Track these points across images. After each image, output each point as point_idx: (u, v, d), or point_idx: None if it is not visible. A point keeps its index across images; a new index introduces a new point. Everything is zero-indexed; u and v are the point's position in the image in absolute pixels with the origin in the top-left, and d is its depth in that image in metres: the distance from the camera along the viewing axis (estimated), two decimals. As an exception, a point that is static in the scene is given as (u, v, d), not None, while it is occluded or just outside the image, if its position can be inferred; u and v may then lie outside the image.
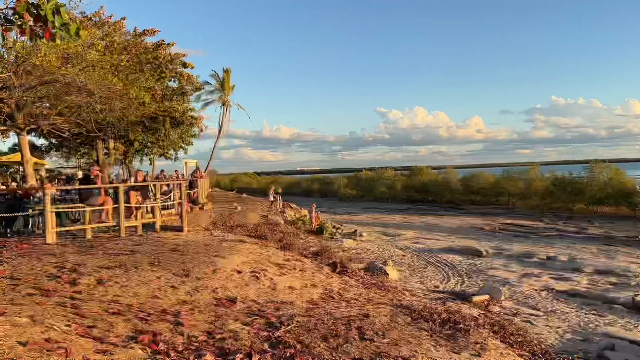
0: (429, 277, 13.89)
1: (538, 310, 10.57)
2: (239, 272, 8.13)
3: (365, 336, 5.33)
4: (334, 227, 23.84)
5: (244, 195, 42.38)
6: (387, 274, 12.10)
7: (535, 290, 12.46)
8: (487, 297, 10.76)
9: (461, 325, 6.47)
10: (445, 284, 13.09)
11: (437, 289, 12.15)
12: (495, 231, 25.94)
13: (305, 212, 27.07)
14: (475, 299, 10.52)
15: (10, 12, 6.39)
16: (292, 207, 27.84)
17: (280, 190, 29.65)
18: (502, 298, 10.96)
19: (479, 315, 8.55)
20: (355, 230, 23.62)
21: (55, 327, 4.19)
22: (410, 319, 6.69)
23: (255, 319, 5.67)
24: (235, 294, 6.90)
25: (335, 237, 20.59)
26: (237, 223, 16.54)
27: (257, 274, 8.17)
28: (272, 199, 27.83)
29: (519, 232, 25.39)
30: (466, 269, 15.25)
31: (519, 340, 7.11)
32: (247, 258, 9.36)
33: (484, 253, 17.86)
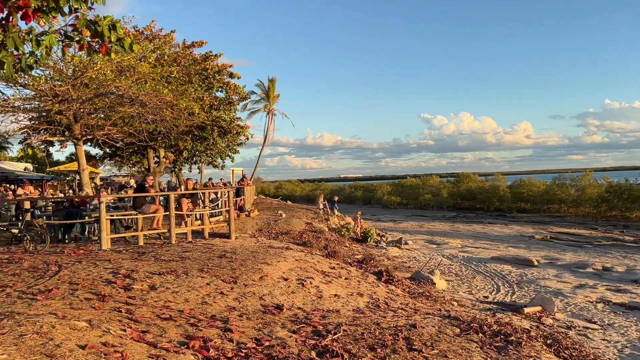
0: (477, 287, 13.56)
1: (594, 323, 10.13)
2: (285, 279, 8.21)
3: (414, 347, 5.27)
4: (378, 234, 23.68)
5: (288, 202, 42.75)
6: (434, 284, 11.90)
7: (591, 302, 11.96)
8: (539, 308, 10.42)
9: (513, 338, 6.29)
10: (495, 294, 12.75)
11: (486, 300, 11.85)
12: (546, 240, 25.10)
13: (349, 219, 27.01)
14: (527, 310, 10.20)
15: (70, 28, 6.74)
16: (336, 214, 27.80)
17: (336, 198, 29.29)
18: (555, 310, 10.57)
19: (530, 327, 8.28)
20: (400, 238, 23.38)
21: (111, 331, 4.35)
22: (459, 330, 6.56)
23: (302, 326, 5.71)
24: (282, 301, 6.97)
25: (379, 245, 20.45)
26: (282, 230, 16.71)
27: (303, 282, 8.22)
28: (321, 206, 27.80)
29: (572, 241, 24.47)
30: (516, 279, 14.81)
31: (574, 354, 6.84)
32: (292, 265, 9.44)
33: (535, 263, 17.29)
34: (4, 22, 5.72)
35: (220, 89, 28.23)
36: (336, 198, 29.30)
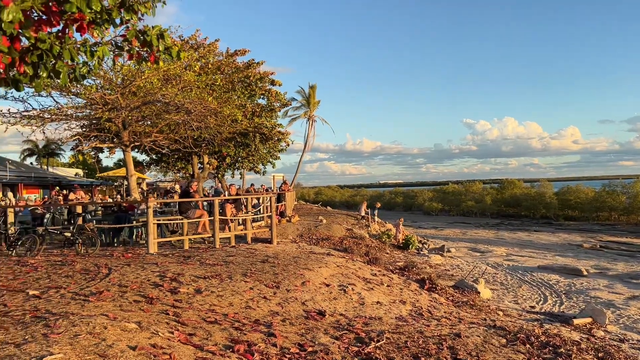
0: (523, 297, 13.18)
1: (649, 337, 9.67)
2: (327, 285, 8.21)
3: (458, 357, 5.17)
4: (419, 241, 23.39)
5: (328, 208, 42.78)
6: (479, 292, 11.64)
7: (645, 315, 11.42)
8: (589, 320, 10.02)
9: (562, 350, 6.08)
10: (542, 304, 12.36)
11: (533, 310, 11.49)
12: (596, 249, 24.16)
13: (390, 225, 26.79)
14: (576, 321, 9.83)
15: (120, 39, 7.00)
16: (376, 221, 27.62)
17: (378, 205, 29.06)
18: (607, 322, 10.15)
19: (581, 339, 7.98)
20: (443, 246, 23.00)
21: (159, 333, 4.46)
22: (505, 340, 6.39)
23: (344, 333, 5.69)
24: (324, 307, 6.98)
25: (421, 253, 20.18)
26: (323, 236, 16.73)
27: (344, 288, 8.20)
28: (363, 213, 27.67)
29: (624, 251, 23.45)
30: (564, 289, 14.31)
31: (627, 369, 6.55)
32: (334, 271, 9.44)
33: (584, 272, 16.66)
34: (60, 34, 6.00)
35: (262, 96, 28.64)
36: (378, 205, 29.08)
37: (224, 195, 15.67)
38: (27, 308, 5.04)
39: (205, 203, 13.65)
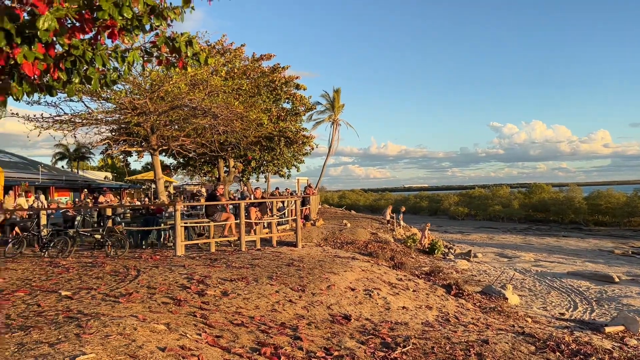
0: (552, 304, 12.91)
1: (685, 347, 9.35)
2: (352, 289, 8.19)
3: (486, 364, 5.09)
4: (445, 246, 23.14)
5: (352, 212, 42.68)
6: (506, 299, 11.45)
7: (681, 324, 11.04)
8: (621, 328, 9.75)
9: (593, 358, 5.94)
10: (572, 311, 12.08)
11: (562, 317, 11.25)
12: (628, 255, 23.51)
13: (415, 230, 26.57)
14: (608, 329, 9.58)
15: (150, 45, 7.14)
16: (401, 225, 27.44)
17: (403, 209, 28.88)
18: (640, 331, 9.86)
19: (613, 348, 7.77)
20: (469, 251, 22.69)
21: (188, 335, 4.51)
22: (534, 347, 6.27)
23: (370, 338, 5.67)
24: (350, 311, 6.96)
25: (447, 257, 19.96)
26: (347, 240, 16.69)
27: (370, 292, 8.17)
28: (388, 217, 27.54)
29: (658, 258, 22.74)
30: (595, 296, 13.96)
31: (663, 379, 6.35)
32: (359, 275, 9.41)
33: (616, 279, 16.22)
34: (92, 40, 6.15)
35: (287, 100, 28.80)
36: (403, 209, 28.87)
37: (250, 199, 15.79)
38: (60, 308, 5.16)
39: (231, 206, 13.78)
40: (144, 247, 12.00)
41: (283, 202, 16.72)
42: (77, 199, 25.92)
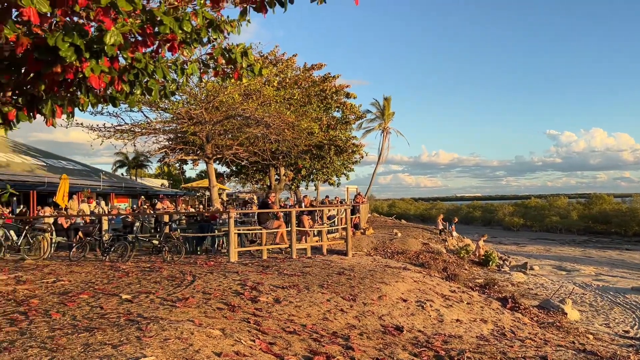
0: (615, 320, 12.26)
1: None
2: (404, 300, 8.09)
3: (546, 382, 4.90)
4: (500, 258, 22.46)
5: (403, 221, 42.20)
6: (566, 314, 10.98)
7: None
8: (694, 350, 9.13)
9: (664, 381, 5.60)
10: (638, 329, 11.44)
11: (627, 335, 10.66)
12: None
13: (468, 240, 25.97)
14: (679, 351, 8.99)
15: (207, 57, 7.37)
16: (454, 236, 26.88)
17: (455, 220, 28.39)
18: None
19: (684, 370, 7.30)
20: (525, 263, 21.93)
21: (242, 341, 4.58)
22: (597, 367, 5.98)
23: (423, 350, 5.57)
24: (402, 322, 6.87)
25: (502, 270, 19.36)
26: (398, 250, 16.51)
27: (422, 304, 8.04)
28: (440, 227, 27.11)
29: None
30: (664, 314, 13.16)
31: None
32: (411, 286, 9.28)
33: (687, 297, 15.23)
34: (154, 53, 6.41)
35: (337, 109, 28.93)
36: (455, 219, 28.32)
37: (299, 207, 15.91)
38: (121, 311, 5.37)
39: (282, 214, 13.95)
40: (198, 253, 12.32)
41: (330, 210, 16.75)
42: (135, 206, 26.96)
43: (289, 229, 11.66)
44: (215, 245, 12.60)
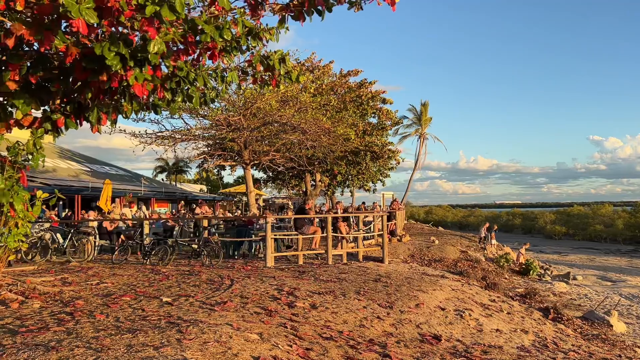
0: (666, 335, 11.72)
1: None
2: (442, 308, 7.96)
3: (592, 396, 4.73)
4: (541, 267, 21.84)
5: (440, 228, 41.59)
6: (611, 326, 10.58)
7: None
8: None
9: None
10: (690, 345, 10.90)
11: (678, 350, 10.18)
12: None
13: (508, 249, 25.38)
14: None
15: (245, 64, 7.49)
16: (493, 244, 26.33)
17: (495, 227, 27.90)
18: None
19: None
20: (568, 273, 21.26)
21: (279, 345, 4.61)
22: (647, 383, 5.74)
23: (462, 360, 5.47)
24: (440, 331, 6.77)
25: (543, 279, 18.83)
26: (435, 257, 16.29)
27: (461, 313, 7.90)
28: (482, 235, 26.61)
29: None
30: None
31: None
32: (449, 295, 9.14)
33: None
34: (195, 62, 6.57)
35: (373, 115, 28.85)
36: (495, 227, 27.77)
37: (334, 213, 15.91)
38: (162, 314, 5.48)
39: (318, 220, 13.99)
40: (236, 257, 12.47)
41: (367, 217, 16.68)
42: (174, 210, 27.54)
43: (325, 234, 11.67)
44: (252, 250, 12.73)
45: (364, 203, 24.68)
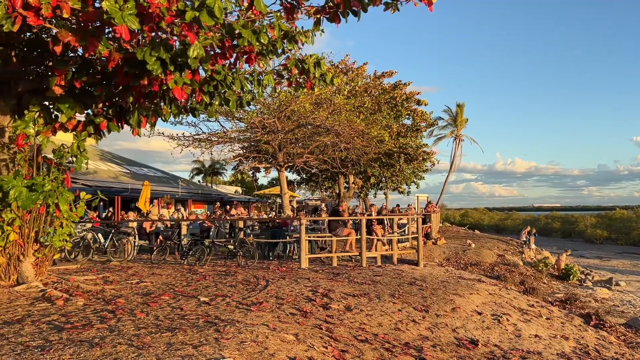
0: None
1: None
2: (479, 313, 7.84)
3: (638, 406, 4.56)
4: (581, 272, 21.19)
5: (476, 231, 40.86)
6: (658, 334, 10.16)
7: None
8: None
9: None
10: None
11: None
12: None
13: (547, 253, 24.74)
14: None
15: (281, 67, 7.56)
16: (532, 248, 25.72)
17: (533, 231, 27.35)
18: None
19: None
20: (610, 278, 20.53)
21: (315, 347, 4.63)
22: (697, 394, 5.50)
23: (500, 366, 5.37)
24: (477, 336, 6.66)
25: (584, 285, 18.26)
26: (472, 261, 16.02)
27: (498, 318, 7.75)
28: (523, 239, 26.04)
29: None
30: None
31: None
32: (486, 299, 8.98)
33: None
34: (232, 66, 6.67)
35: (407, 116, 28.62)
36: (534, 231, 27.15)
37: (367, 215, 15.85)
38: (200, 313, 5.59)
39: (352, 222, 13.98)
40: (271, 258, 12.58)
41: (401, 219, 16.54)
42: (209, 212, 27.96)
43: (359, 237, 11.65)
44: (287, 251, 12.82)
45: (398, 205, 24.50)
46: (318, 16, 6.73)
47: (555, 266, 19.99)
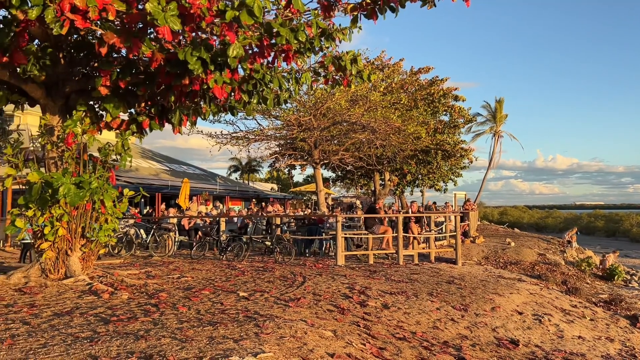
0: None
1: None
2: (520, 313, 7.69)
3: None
4: (627, 272, 20.45)
5: (516, 230, 39.94)
6: None
7: None
8: None
9: None
10: None
11: None
12: None
13: (590, 252, 23.99)
14: None
15: (318, 65, 7.58)
16: (574, 247, 24.99)
17: (575, 230, 26.67)
18: None
19: None
20: (658, 279, 19.76)
21: (353, 344, 4.65)
22: None
23: (542, 367, 5.26)
24: (517, 336, 6.54)
25: (629, 285, 17.63)
26: (511, 260, 15.71)
27: (540, 318, 7.59)
28: (567, 239, 25.38)
29: None
30: None
31: None
32: (526, 299, 8.80)
33: None
34: (270, 64, 6.74)
35: (445, 113, 28.23)
36: (575, 229, 26.39)
37: (403, 213, 15.72)
38: (239, 308, 5.68)
39: (388, 219, 13.91)
40: (307, 255, 12.66)
41: (438, 217, 16.35)
42: (247, 208, 28.32)
43: (396, 234, 11.58)
44: (323, 248, 12.87)
45: (434, 203, 24.20)
46: (355, 13, 6.72)
47: (600, 266, 19.36)
